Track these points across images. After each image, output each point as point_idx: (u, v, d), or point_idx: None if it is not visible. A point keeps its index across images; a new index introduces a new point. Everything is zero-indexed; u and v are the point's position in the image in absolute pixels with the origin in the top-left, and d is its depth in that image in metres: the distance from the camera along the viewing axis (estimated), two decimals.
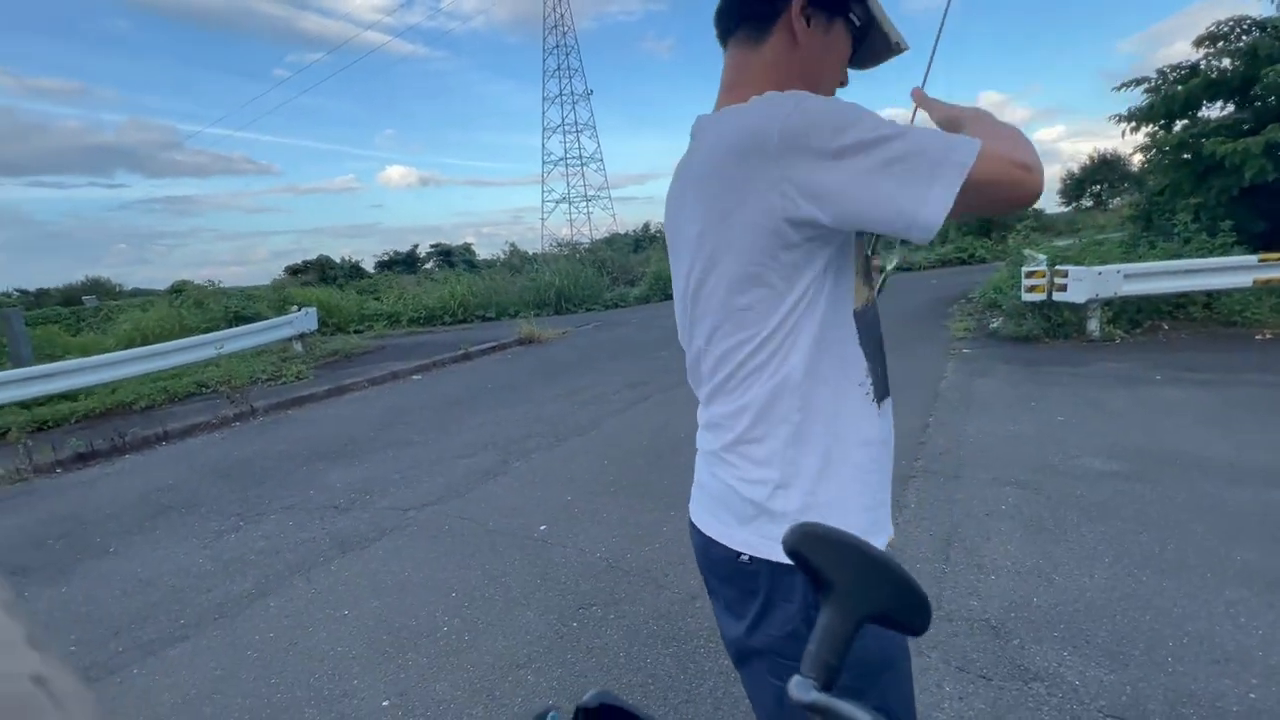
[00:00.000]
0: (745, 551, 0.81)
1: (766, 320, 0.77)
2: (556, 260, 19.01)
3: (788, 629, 0.78)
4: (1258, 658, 1.90)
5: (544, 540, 3.11)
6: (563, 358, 8.52)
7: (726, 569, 0.85)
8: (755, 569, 0.80)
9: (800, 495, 0.79)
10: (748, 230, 0.75)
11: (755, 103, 0.76)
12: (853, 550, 0.48)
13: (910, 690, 0.84)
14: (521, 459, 4.36)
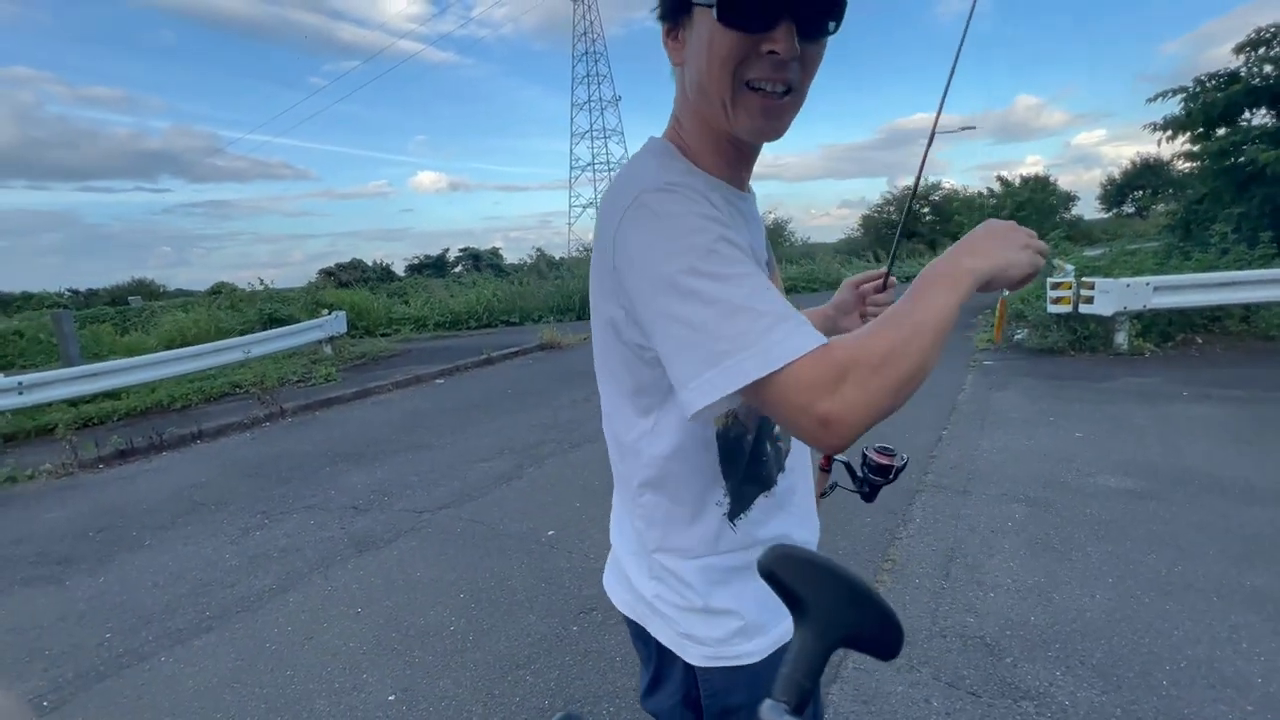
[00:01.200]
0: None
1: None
2: (581, 265, 19.21)
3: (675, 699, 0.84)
4: (1257, 685, 1.88)
5: (551, 545, 3.19)
6: (581, 364, 8.63)
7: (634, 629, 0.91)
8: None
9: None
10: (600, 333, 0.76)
11: (615, 181, 0.70)
12: (827, 573, 0.48)
13: None
14: (535, 464, 4.46)
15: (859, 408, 0.56)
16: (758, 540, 0.78)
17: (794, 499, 0.82)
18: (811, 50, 0.65)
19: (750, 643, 0.77)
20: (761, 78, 0.63)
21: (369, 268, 28.98)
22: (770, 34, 0.61)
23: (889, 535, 2.97)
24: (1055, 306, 6.85)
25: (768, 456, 0.78)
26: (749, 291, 0.59)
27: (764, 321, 0.57)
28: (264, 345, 9.00)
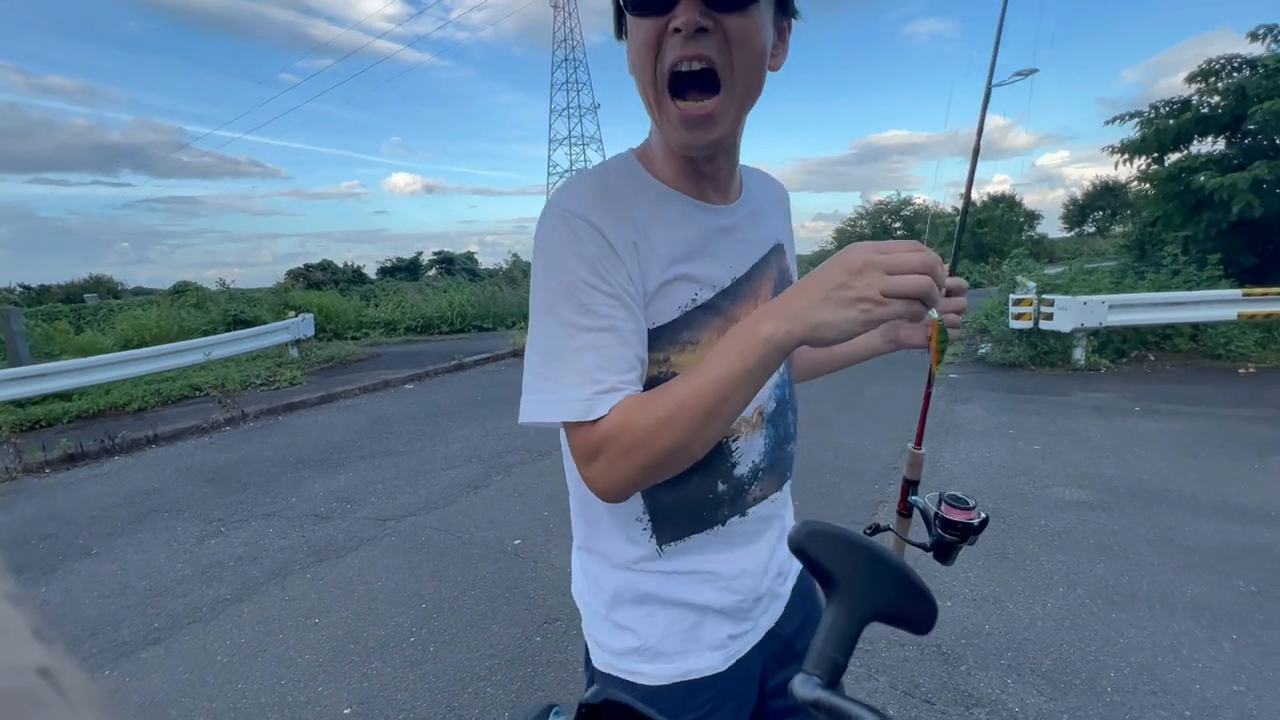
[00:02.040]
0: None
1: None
2: None
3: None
4: (1194, 690, 1.95)
5: (516, 554, 3.16)
6: None
7: None
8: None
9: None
10: None
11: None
12: (858, 548, 0.48)
13: None
14: (503, 472, 4.41)
15: (611, 481, 0.61)
16: (688, 571, 0.75)
17: (751, 553, 0.79)
18: (732, 22, 0.61)
19: (649, 665, 0.76)
20: (677, 58, 0.62)
21: (339, 269, 28.44)
22: (674, 11, 0.61)
23: None
24: (1017, 322, 7.07)
25: (715, 495, 0.74)
26: (576, 345, 0.62)
27: (567, 380, 0.62)
28: (227, 347, 8.76)
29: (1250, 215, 7.75)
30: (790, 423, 0.82)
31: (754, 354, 0.58)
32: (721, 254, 0.73)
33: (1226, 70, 9.15)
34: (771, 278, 0.78)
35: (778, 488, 0.81)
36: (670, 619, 0.76)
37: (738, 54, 0.63)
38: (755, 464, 0.77)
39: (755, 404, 0.75)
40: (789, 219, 0.88)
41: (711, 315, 0.71)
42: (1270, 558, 2.70)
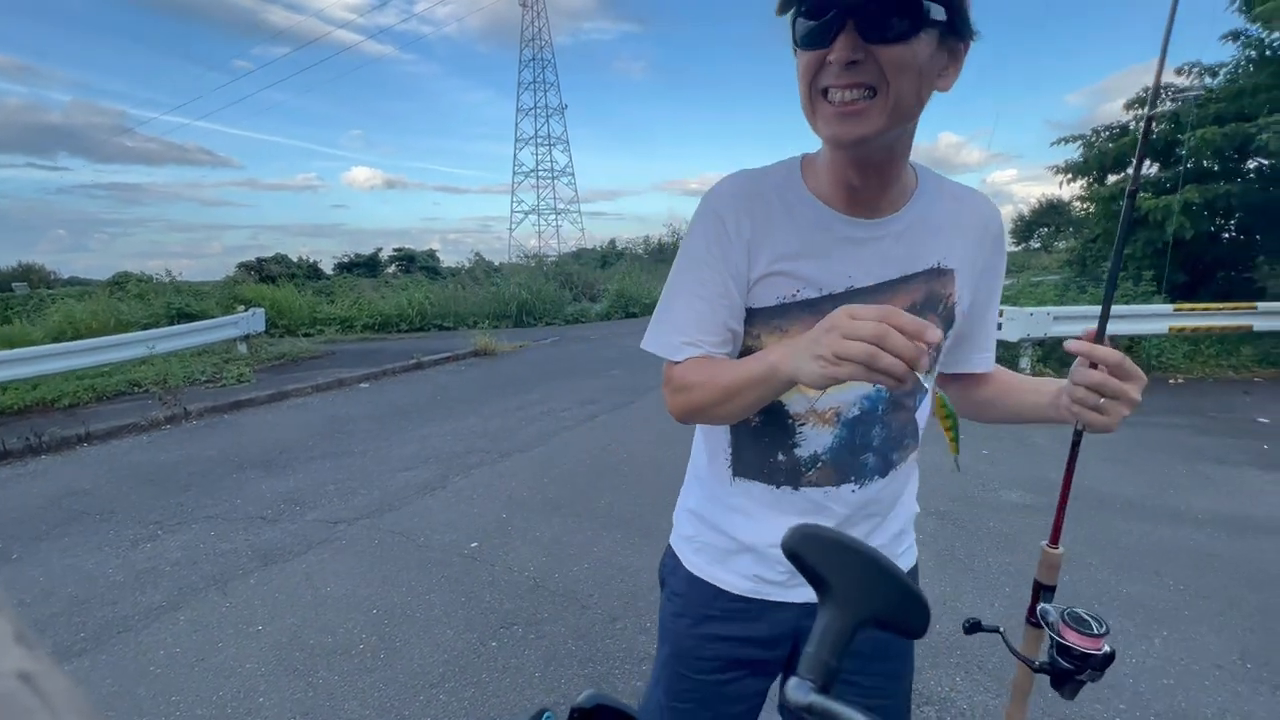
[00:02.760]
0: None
1: None
2: (520, 272, 18.97)
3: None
4: (1128, 685, 2.04)
5: (473, 557, 3.09)
6: (516, 371, 8.48)
7: None
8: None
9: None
10: None
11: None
12: (850, 553, 0.48)
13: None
14: (462, 474, 4.32)
15: (670, 405, 0.85)
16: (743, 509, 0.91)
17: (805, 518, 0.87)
18: (888, 52, 0.66)
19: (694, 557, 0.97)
20: (830, 84, 0.69)
21: (294, 264, 27.49)
22: (831, 45, 0.67)
23: None
24: None
25: (774, 460, 0.87)
26: (682, 304, 0.83)
27: (669, 327, 0.85)
28: (170, 341, 8.35)
29: (1182, 236, 8.22)
30: (875, 436, 0.85)
31: (760, 372, 0.72)
32: (842, 262, 0.80)
33: (1161, 97, 9.70)
34: (912, 298, 0.81)
35: (835, 484, 0.86)
36: (718, 535, 0.93)
37: (893, 79, 0.67)
38: (816, 453, 0.85)
39: (832, 405, 0.83)
40: (980, 248, 0.85)
41: (808, 312, 0.79)
42: (1197, 558, 2.85)
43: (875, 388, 0.82)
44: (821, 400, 0.82)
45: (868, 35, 0.65)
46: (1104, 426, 0.75)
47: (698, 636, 0.94)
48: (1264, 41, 8.06)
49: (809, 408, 0.83)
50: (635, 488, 3.94)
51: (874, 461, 0.86)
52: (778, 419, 0.85)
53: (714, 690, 0.94)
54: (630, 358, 9.24)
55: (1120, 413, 0.74)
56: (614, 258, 31.34)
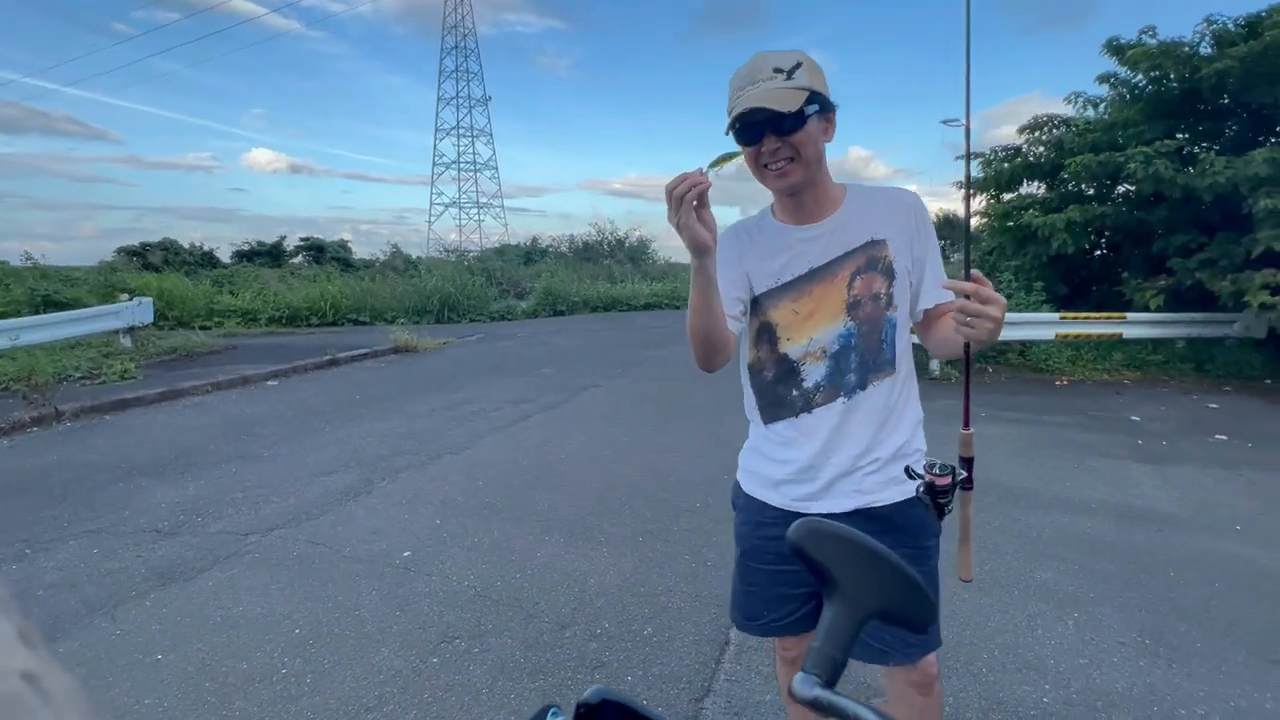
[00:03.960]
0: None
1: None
2: (443, 266, 18.26)
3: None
4: (1050, 665, 2.20)
5: (407, 568, 2.91)
6: (441, 369, 8.14)
7: None
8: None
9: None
10: None
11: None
12: (854, 547, 0.48)
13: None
14: (388, 478, 4.07)
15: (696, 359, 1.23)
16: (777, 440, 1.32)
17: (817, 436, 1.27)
18: (792, 139, 1.15)
19: (744, 478, 1.40)
20: (766, 162, 1.18)
21: (185, 250, 25.08)
22: (760, 144, 1.16)
23: None
24: None
25: (791, 398, 1.28)
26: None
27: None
28: (37, 332, 7.39)
29: (1065, 251, 9.07)
30: (853, 361, 1.24)
31: (691, 276, 1.13)
32: (804, 253, 1.25)
33: (1048, 126, 10.68)
34: (855, 263, 1.23)
35: (833, 399, 1.25)
36: (766, 465, 1.34)
37: (801, 149, 1.16)
38: (818, 382, 1.26)
39: (820, 345, 1.25)
40: (904, 221, 1.26)
41: (788, 290, 1.25)
42: (1093, 544, 3.13)
43: (845, 326, 1.24)
44: (811, 344, 1.25)
45: (780, 133, 1.14)
46: (972, 336, 1.06)
47: (758, 538, 1.34)
48: (1131, 83, 9.03)
49: (804, 352, 1.25)
50: (576, 489, 3.85)
51: (855, 379, 1.24)
52: (786, 365, 1.27)
53: (775, 575, 1.33)
54: (561, 356, 9.10)
55: (985, 326, 1.03)
56: (537, 255, 30.92)
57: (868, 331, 1.24)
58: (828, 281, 1.23)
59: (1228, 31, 7.77)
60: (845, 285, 1.24)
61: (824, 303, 1.24)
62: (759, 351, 1.31)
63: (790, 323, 1.26)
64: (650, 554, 3.01)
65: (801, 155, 1.15)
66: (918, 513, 1.28)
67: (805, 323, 1.25)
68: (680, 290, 18.85)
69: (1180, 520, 3.44)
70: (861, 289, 1.23)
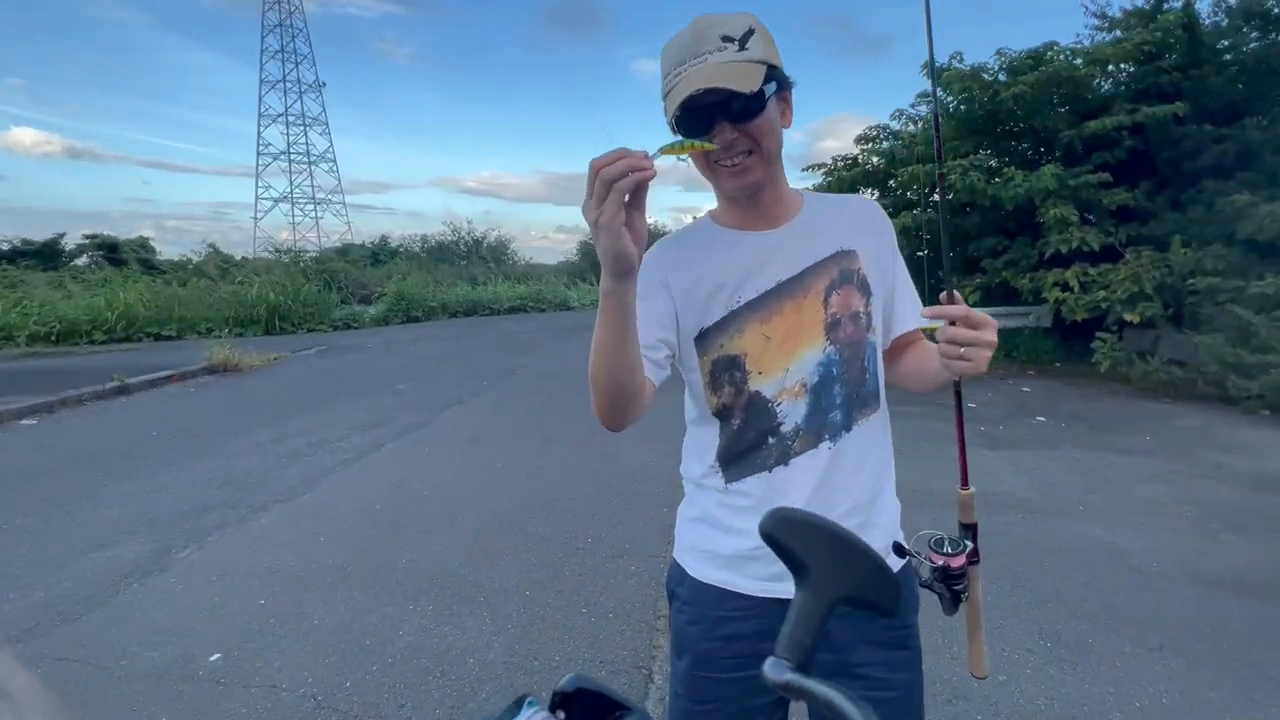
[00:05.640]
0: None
1: None
2: (272, 269, 16.06)
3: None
4: (977, 691, 2.11)
5: (215, 679, 2.19)
6: (271, 392, 6.94)
7: None
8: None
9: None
10: None
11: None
12: (825, 533, 0.51)
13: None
14: (193, 544, 3.19)
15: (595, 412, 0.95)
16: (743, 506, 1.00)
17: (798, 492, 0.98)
18: (749, 126, 0.90)
19: (699, 565, 1.05)
20: (719, 158, 0.92)
21: None
22: (711, 134, 0.89)
23: (656, 585, 2.77)
24: None
25: (766, 446, 0.99)
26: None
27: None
28: None
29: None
30: (837, 394, 0.99)
31: (600, 303, 0.83)
32: (764, 264, 0.99)
33: (879, 137, 11.69)
34: (829, 276, 0.99)
35: (815, 445, 0.98)
36: (723, 540, 1.02)
37: (761, 140, 0.92)
38: (797, 424, 0.98)
39: (798, 377, 0.97)
40: (872, 231, 1.05)
41: (754, 310, 0.98)
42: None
43: (824, 352, 0.98)
44: (787, 377, 0.97)
45: (735, 119, 0.88)
46: (970, 370, 0.85)
47: (715, 639, 1.01)
48: (944, 102, 10.12)
49: (780, 388, 0.97)
50: (444, 535, 3.28)
51: (840, 418, 0.99)
52: (759, 408, 0.98)
53: (740, 686, 1.00)
54: (420, 367, 8.22)
55: (981, 355, 0.84)
56: (387, 255, 28.75)
57: (850, 357, 1.00)
58: (800, 297, 0.99)
59: (1018, 61, 8.90)
60: (821, 301, 0.99)
61: (799, 323, 0.98)
62: (719, 396, 1.01)
63: (761, 351, 0.98)
64: (540, 613, 2.57)
65: (762, 147, 0.92)
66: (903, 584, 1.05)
67: (779, 350, 0.98)
68: (546, 293, 18.31)
69: (1036, 506, 3.68)
70: (840, 306, 0.99)
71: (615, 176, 0.70)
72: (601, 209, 0.71)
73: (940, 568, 0.90)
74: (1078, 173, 7.92)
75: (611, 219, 0.71)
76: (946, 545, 0.91)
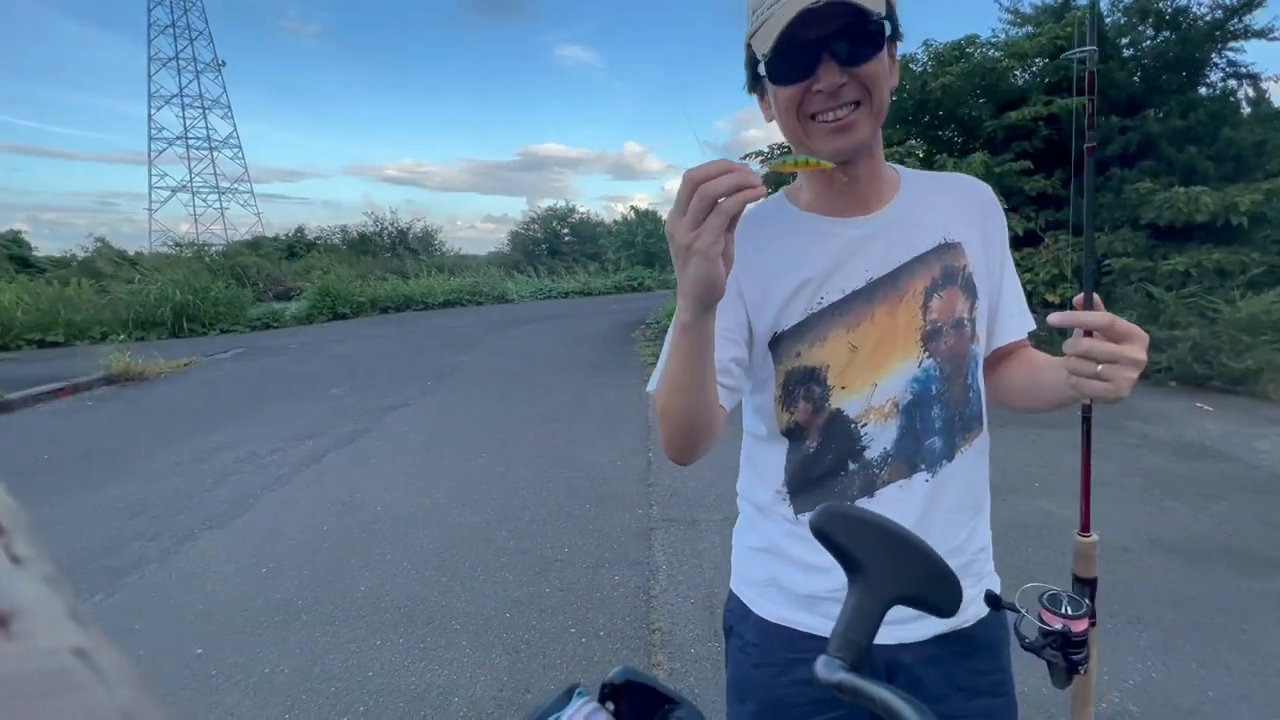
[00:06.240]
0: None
1: None
2: (174, 265, 14.67)
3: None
4: None
5: None
6: (185, 402, 6.29)
7: None
8: None
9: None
10: None
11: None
12: (880, 531, 0.49)
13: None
14: (103, 590, 2.77)
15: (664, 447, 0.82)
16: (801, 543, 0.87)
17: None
18: (863, 69, 0.74)
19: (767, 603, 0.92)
20: (818, 110, 0.76)
21: None
22: (814, 76, 0.74)
23: (644, 596, 2.63)
24: None
25: (846, 474, 0.85)
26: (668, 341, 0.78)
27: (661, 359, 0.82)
28: None
29: None
30: (936, 418, 0.85)
31: (676, 332, 0.70)
32: (854, 259, 0.84)
33: None
34: (930, 275, 0.84)
35: (907, 475, 0.84)
36: (793, 576, 0.88)
37: (874, 91, 0.75)
38: (885, 450, 0.84)
39: (889, 395, 0.83)
40: (980, 219, 0.89)
41: (840, 315, 0.83)
42: None
43: (921, 366, 0.83)
44: (875, 395, 0.83)
45: (845, 62, 0.73)
46: (1108, 394, 0.70)
47: (787, 684, 0.89)
48: None
49: (865, 407, 0.84)
50: (408, 556, 3.00)
51: (940, 445, 0.85)
52: (840, 429, 0.85)
53: None
54: (353, 369, 7.68)
55: (1125, 375, 0.69)
56: (303, 248, 27.07)
57: (951, 373, 0.85)
58: (894, 300, 0.84)
59: (945, 52, 9.23)
60: (920, 305, 0.84)
61: (893, 331, 0.83)
62: (793, 412, 0.86)
63: (846, 363, 0.84)
64: (526, 636, 2.37)
65: (873, 97, 0.76)
66: (996, 624, 0.92)
67: (868, 362, 0.84)
68: (482, 285, 17.68)
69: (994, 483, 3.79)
70: (941, 311, 0.84)
71: (720, 194, 0.59)
72: (700, 231, 0.60)
73: (1059, 632, 0.75)
74: (1001, 160, 8.32)
75: (711, 244, 0.60)
76: (1066, 605, 0.76)
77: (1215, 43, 8.30)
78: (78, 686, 0.14)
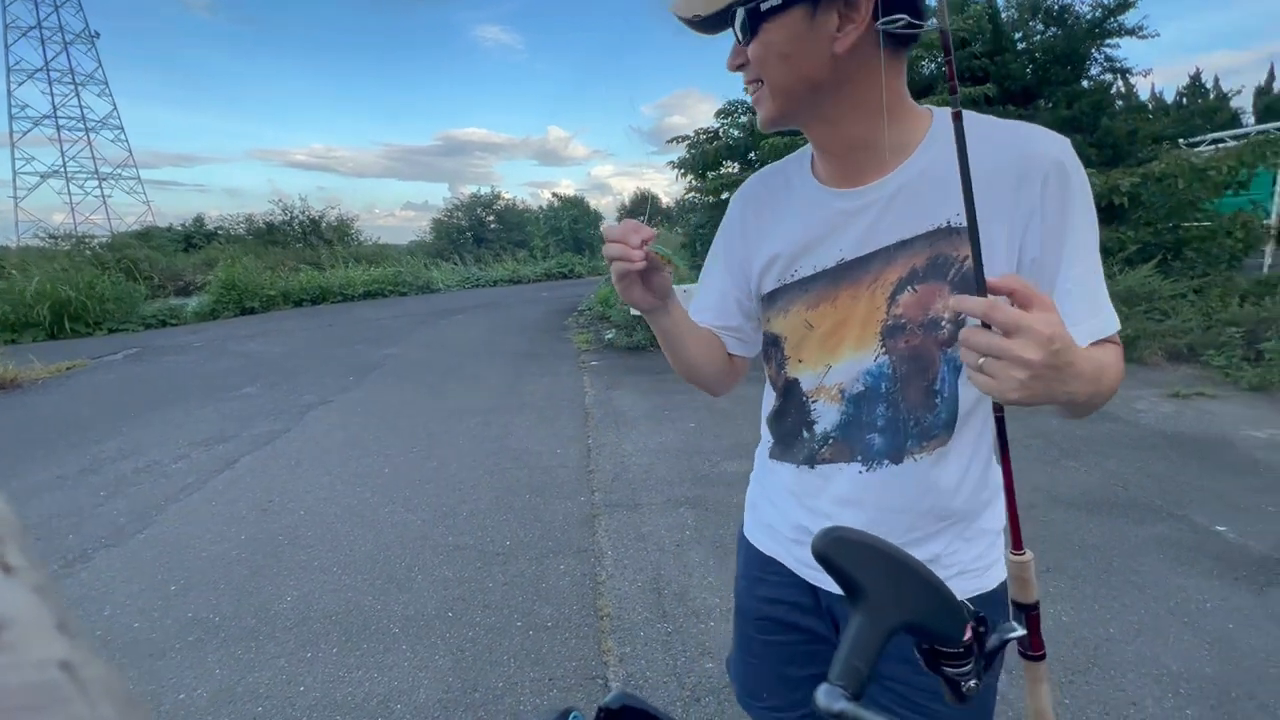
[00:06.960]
0: None
1: None
2: (51, 259, 13.19)
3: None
4: None
5: None
6: (70, 409, 5.68)
7: None
8: None
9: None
10: None
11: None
12: (884, 557, 0.48)
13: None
14: None
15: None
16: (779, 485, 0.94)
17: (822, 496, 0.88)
18: (755, 44, 0.70)
19: (748, 518, 1.04)
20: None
21: None
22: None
23: (591, 581, 2.61)
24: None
25: (800, 439, 0.89)
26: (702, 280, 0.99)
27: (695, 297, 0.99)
28: None
29: None
30: (879, 415, 0.81)
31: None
32: (835, 236, 0.80)
33: (739, 111, 12.08)
34: (910, 264, 0.75)
35: (845, 460, 0.84)
36: (768, 508, 0.97)
37: (764, 60, 0.71)
38: (828, 430, 0.86)
39: (836, 380, 0.83)
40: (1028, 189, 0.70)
41: (805, 291, 0.83)
42: None
43: (875, 361, 0.80)
44: (828, 376, 0.84)
45: (742, 38, 0.71)
46: (991, 391, 0.57)
47: (753, 598, 0.98)
48: None
49: (817, 384, 0.85)
50: (337, 560, 2.83)
51: (880, 443, 0.82)
52: (795, 397, 0.88)
53: (775, 650, 0.96)
54: (266, 367, 7.17)
55: (1008, 374, 0.55)
56: (202, 239, 25.07)
57: (908, 375, 0.78)
58: (860, 286, 0.79)
59: None
60: (886, 297, 0.77)
61: (850, 318, 0.80)
62: (769, 367, 0.95)
63: (801, 339, 0.86)
64: (470, 635, 2.29)
65: (766, 78, 0.73)
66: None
67: (823, 344, 0.84)
68: (405, 275, 16.92)
69: None
70: (910, 307, 0.75)
71: (610, 256, 0.77)
72: (612, 271, 0.79)
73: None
74: None
75: (618, 281, 0.79)
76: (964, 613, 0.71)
77: (1095, 39, 9.02)
78: (62, 700, 0.14)
